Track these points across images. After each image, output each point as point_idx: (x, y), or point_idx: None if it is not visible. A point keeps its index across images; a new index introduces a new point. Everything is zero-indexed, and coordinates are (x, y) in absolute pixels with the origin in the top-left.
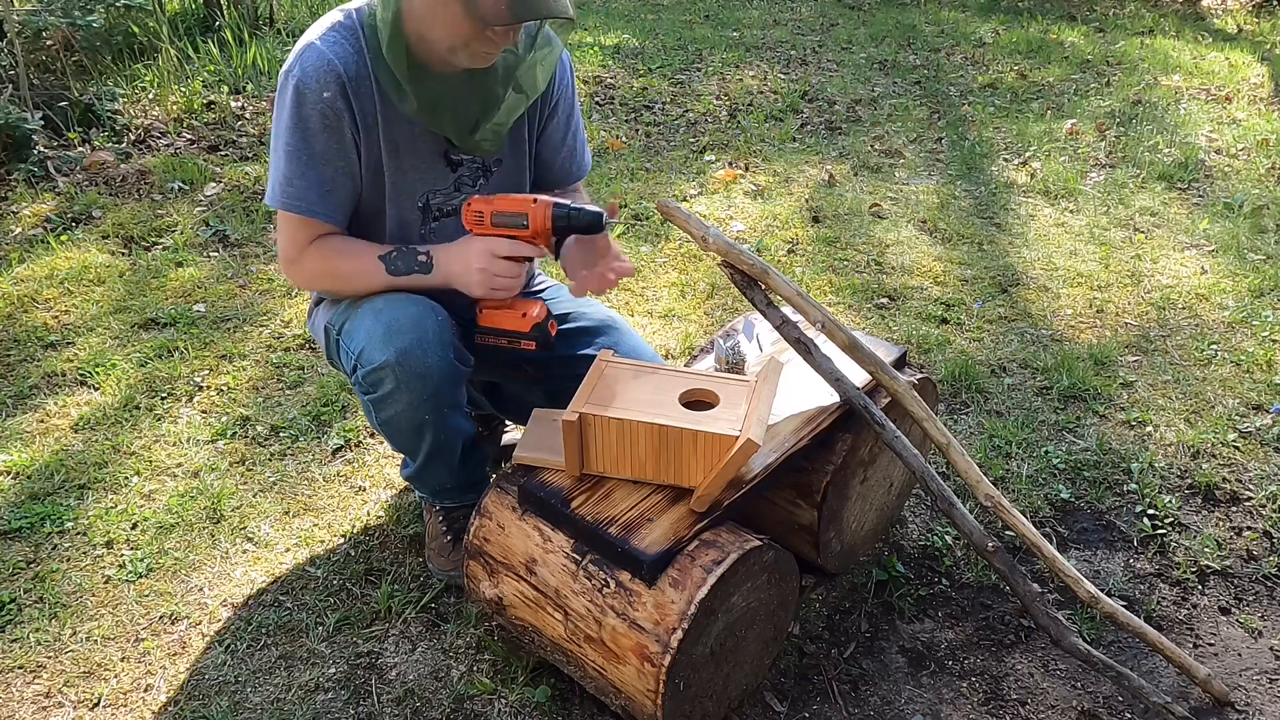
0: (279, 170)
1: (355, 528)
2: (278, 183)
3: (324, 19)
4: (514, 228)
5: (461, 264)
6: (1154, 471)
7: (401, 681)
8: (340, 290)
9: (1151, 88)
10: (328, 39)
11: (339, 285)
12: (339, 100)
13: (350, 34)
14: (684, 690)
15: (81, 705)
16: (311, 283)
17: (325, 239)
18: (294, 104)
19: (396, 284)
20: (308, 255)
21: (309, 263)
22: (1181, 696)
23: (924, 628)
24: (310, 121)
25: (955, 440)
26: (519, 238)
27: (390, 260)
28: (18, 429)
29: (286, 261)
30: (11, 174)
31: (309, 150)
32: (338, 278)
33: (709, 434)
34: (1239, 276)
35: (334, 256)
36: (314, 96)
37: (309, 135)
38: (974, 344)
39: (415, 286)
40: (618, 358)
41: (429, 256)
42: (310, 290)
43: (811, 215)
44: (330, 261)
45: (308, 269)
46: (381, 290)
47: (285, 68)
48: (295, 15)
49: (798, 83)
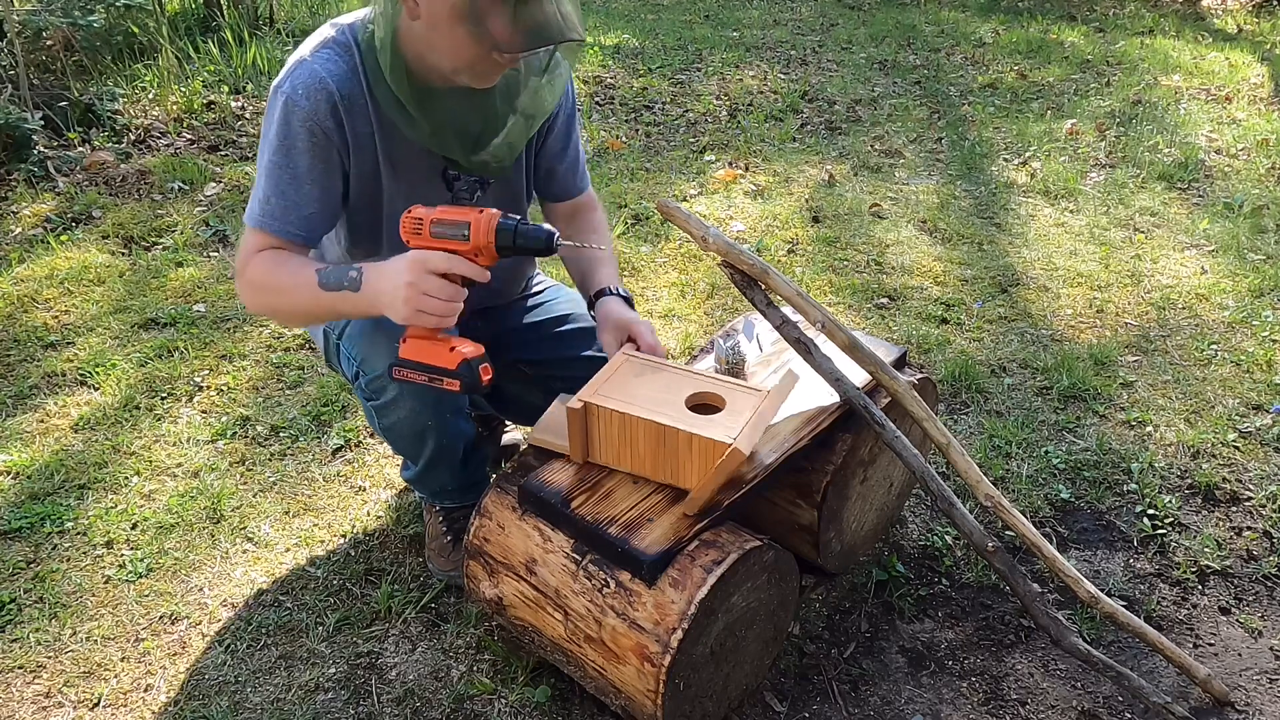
0: (260, 187)
1: (355, 528)
2: (258, 199)
3: (316, 34)
4: (454, 240)
5: (390, 279)
6: (1154, 471)
7: (401, 681)
8: (277, 304)
9: (1151, 88)
10: (321, 56)
11: (275, 298)
12: (329, 120)
13: (344, 51)
14: (684, 690)
15: (81, 705)
16: (253, 294)
17: (274, 251)
18: (281, 121)
19: (324, 301)
20: (252, 264)
21: (252, 271)
22: (1181, 696)
23: (924, 628)
24: (296, 140)
25: (955, 440)
26: (459, 252)
27: (324, 274)
28: (18, 429)
29: (237, 273)
30: (11, 174)
31: (291, 170)
32: (275, 290)
33: (703, 438)
34: (1239, 276)
35: (276, 267)
36: (302, 115)
37: (293, 154)
38: (974, 344)
39: (342, 307)
40: (640, 353)
41: (359, 273)
42: (252, 306)
43: (811, 215)
44: (271, 272)
45: (249, 277)
46: (310, 308)
47: (276, 83)
48: (295, 15)
49: (798, 83)
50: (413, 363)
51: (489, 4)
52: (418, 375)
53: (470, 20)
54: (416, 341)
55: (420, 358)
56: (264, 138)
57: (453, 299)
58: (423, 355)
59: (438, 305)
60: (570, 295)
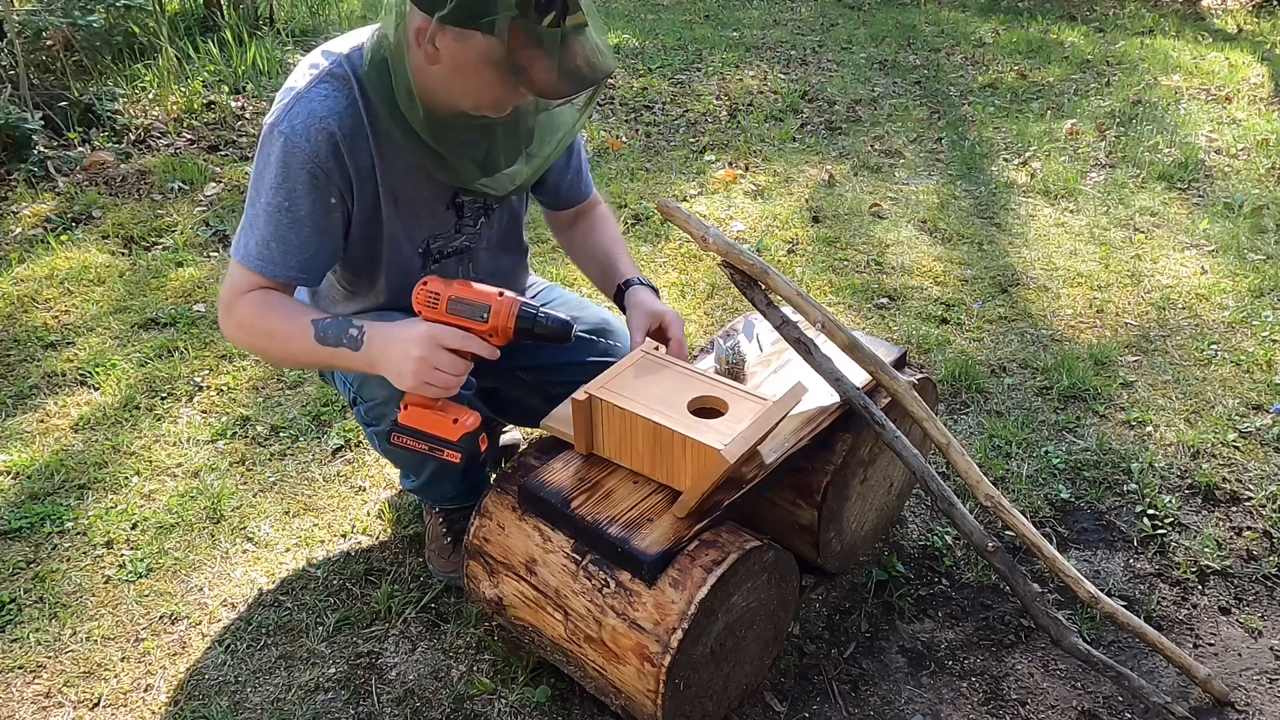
0: (258, 230)
1: (355, 528)
2: (255, 242)
3: (308, 64)
4: (472, 319)
5: (399, 348)
6: (1154, 471)
7: (401, 681)
8: (265, 347)
9: (1151, 88)
10: (318, 92)
11: (265, 342)
12: (329, 160)
13: (342, 84)
14: (684, 690)
15: (81, 705)
16: (240, 334)
17: (266, 292)
18: (281, 163)
19: (318, 354)
20: (241, 304)
21: (241, 312)
22: (1181, 696)
23: (924, 628)
24: (297, 183)
25: (955, 440)
26: (473, 330)
27: (321, 326)
28: (18, 429)
29: (223, 308)
30: (11, 174)
31: (293, 214)
32: (266, 333)
33: (695, 441)
34: (1239, 276)
35: (267, 311)
36: (303, 157)
37: (294, 197)
38: (974, 344)
39: (337, 363)
40: (657, 353)
41: (360, 332)
42: (238, 344)
43: (811, 215)
44: (262, 315)
45: (238, 317)
46: (303, 357)
47: (272, 121)
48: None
49: (798, 83)
50: (413, 430)
51: (530, 56)
52: (418, 444)
53: (509, 70)
54: (419, 410)
55: (422, 426)
56: (259, 176)
57: (460, 374)
58: (424, 424)
59: (445, 380)
60: (567, 298)
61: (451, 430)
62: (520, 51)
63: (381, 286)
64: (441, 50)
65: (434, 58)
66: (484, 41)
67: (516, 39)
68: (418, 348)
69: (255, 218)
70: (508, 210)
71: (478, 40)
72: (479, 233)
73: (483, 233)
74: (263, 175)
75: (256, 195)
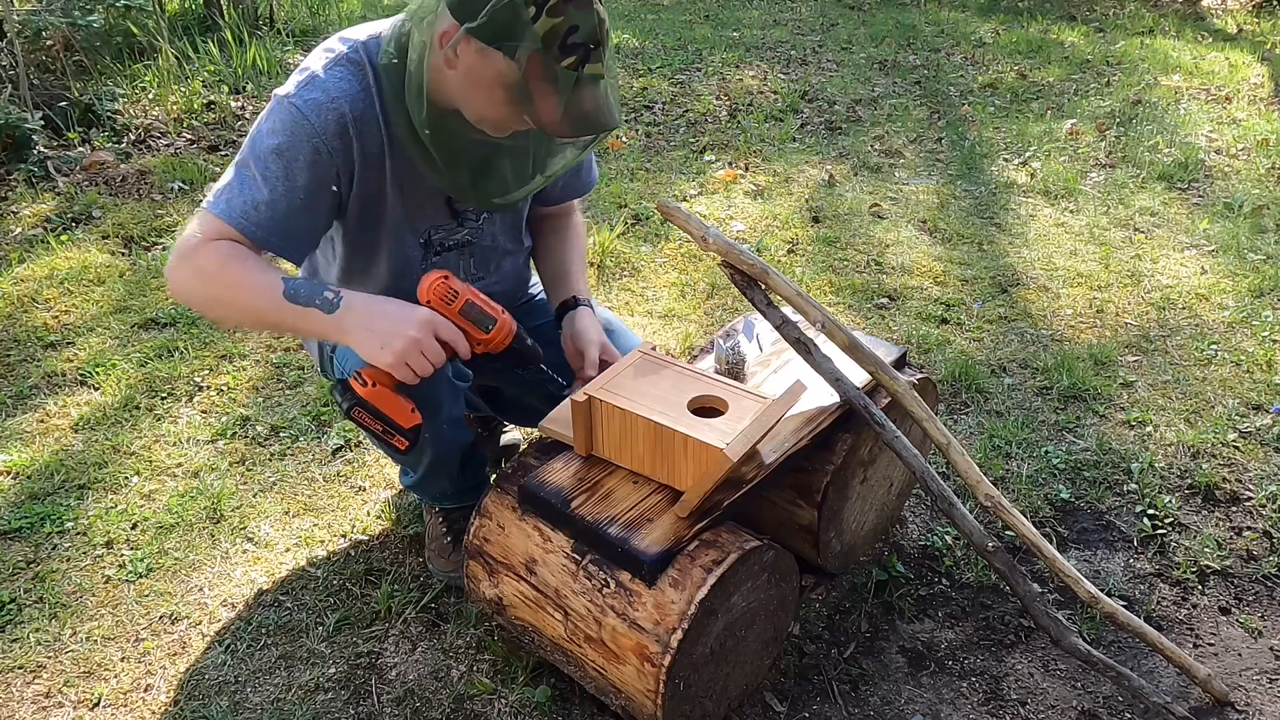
0: (248, 190)
1: (355, 528)
2: (244, 201)
3: (325, 48)
4: (477, 326)
5: (391, 324)
6: (1154, 471)
7: (401, 681)
8: (220, 298)
9: (1151, 88)
10: (334, 74)
11: (222, 292)
12: (336, 140)
13: (357, 70)
14: (684, 690)
15: (81, 705)
16: (195, 282)
17: (233, 244)
18: (287, 132)
19: (282, 312)
20: (207, 250)
21: (205, 257)
22: (1181, 696)
23: (924, 628)
24: (300, 155)
25: (955, 440)
26: (471, 335)
27: (292, 284)
28: (18, 429)
29: (180, 254)
30: (11, 174)
31: (289, 183)
32: (227, 284)
33: (697, 440)
34: (1239, 276)
35: (233, 260)
36: (308, 130)
37: (294, 168)
38: (974, 344)
39: (302, 324)
40: (655, 353)
41: (338, 297)
42: (184, 293)
43: (811, 215)
44: (227, 265)
45: (199, 263)
46: (264, 313)
47: (283, 92)
48: (295, 15)
49: (798, 83)
50: (374, 409)
51: (541, 89)
52: (374, 423)
53: (518, 97)
54: (383, 391)
55: (382, 407)
56: (258, 141)
57: (438, 365)
58: (385, 406)
59: (424, 366)
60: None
61: (409, 419)
62: (534, 82)
63: (380, 273)
64: (461, 58)
65: (452, 63)
66: (503, 63)
67: (534, 70)
68: (415, 328)
69: (247, 179)
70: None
71: (497, 60)
72: (481, 227)
73: (485, 228)
74: (263, 140)
75: (252, 158)
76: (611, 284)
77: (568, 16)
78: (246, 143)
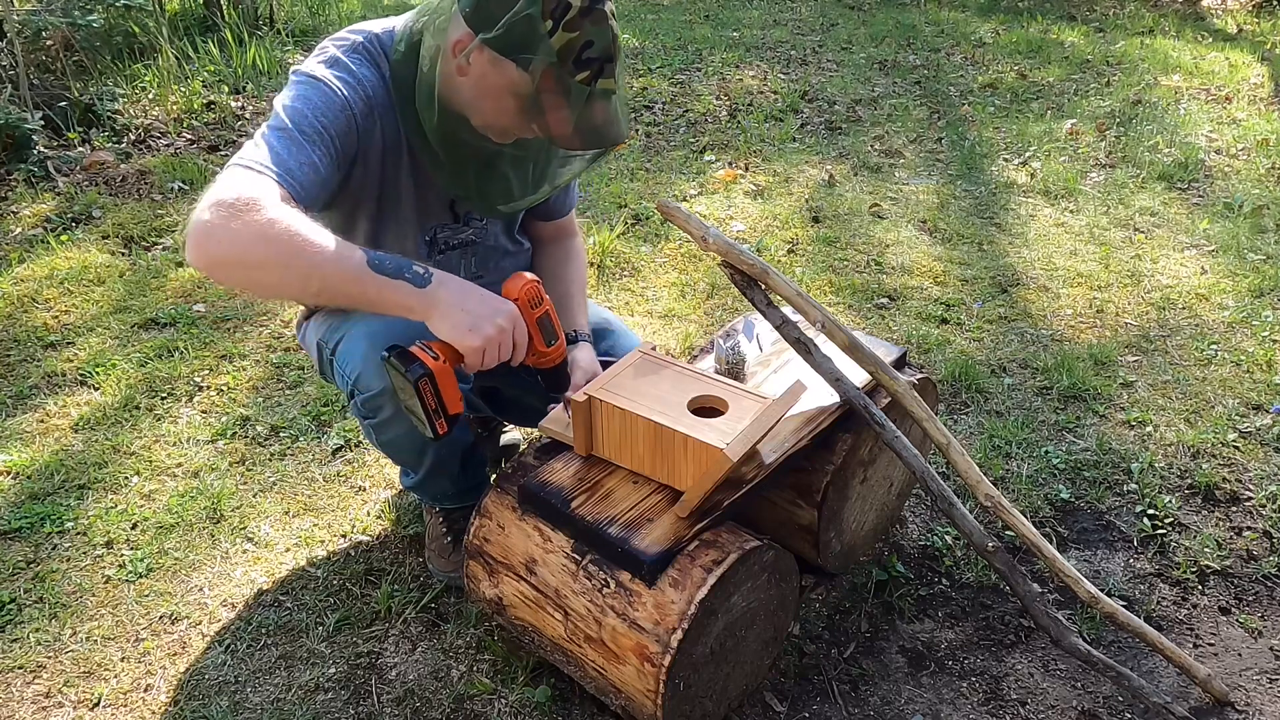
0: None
1: (355, 528)
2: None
3: (342, 36)
4: (544, 337)
5: (486, 308)
6: (1154, 471)
7: (401, 681)
8: (280, 260)
9: (1151, 88)
10: (354, 59)
11: (282, 253)
12: (365, 119)
13: (375, 61)
14: (684, 690)
15: (81, 705)
16: (245, 236)
17: (293, 206)
18: (322, 100)
19: (364, 282)
20: (270, 206)
21: (268, 212)
22: (1181, 696)
23: (924, 628)
24: (335, 123)
25: (955, 440)
26: (533, 343)
27: (375, 255)
28: (18, 429)
29: (234, 206)
30: (11, 174)
31: (328, 150)
32: (294, 248)
33: (697, 440)
34: (1239, 276)
35: (301, 222)
36: (342, 102)
37: (330, 134)
38: (974, 344)
39: (385, 294)
40: (655, 353)
41: (427, 272)
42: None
43: (811, 215)
44: (297, 225)
45: (257, 218)
46: (336, 281)
47: (306, 68)
48: (295, 15)
49: (798, 83)
50: (437, 385)
51: (553, 101)
52: (431, 398)
53: (529, 108)
54: (448, 370)
55: (443, 385)
56: (294, 107)
57: (503, 361)
58: (445, 385)
59: (495, 359)
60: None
61: (456, 404)
62: (545, 94)
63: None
64: (473, 66)
65: (464, 71)
66: (516, 73)
67: (547, 82)
68: (505, 320)
69: (289, 140)
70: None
71: (510, 70)
72: (484, 228)
73: (488, 228)
74: (298, 106)
75: (292, 122)
76: (611, 284)
77: (584, 32)
78: (280, 111)
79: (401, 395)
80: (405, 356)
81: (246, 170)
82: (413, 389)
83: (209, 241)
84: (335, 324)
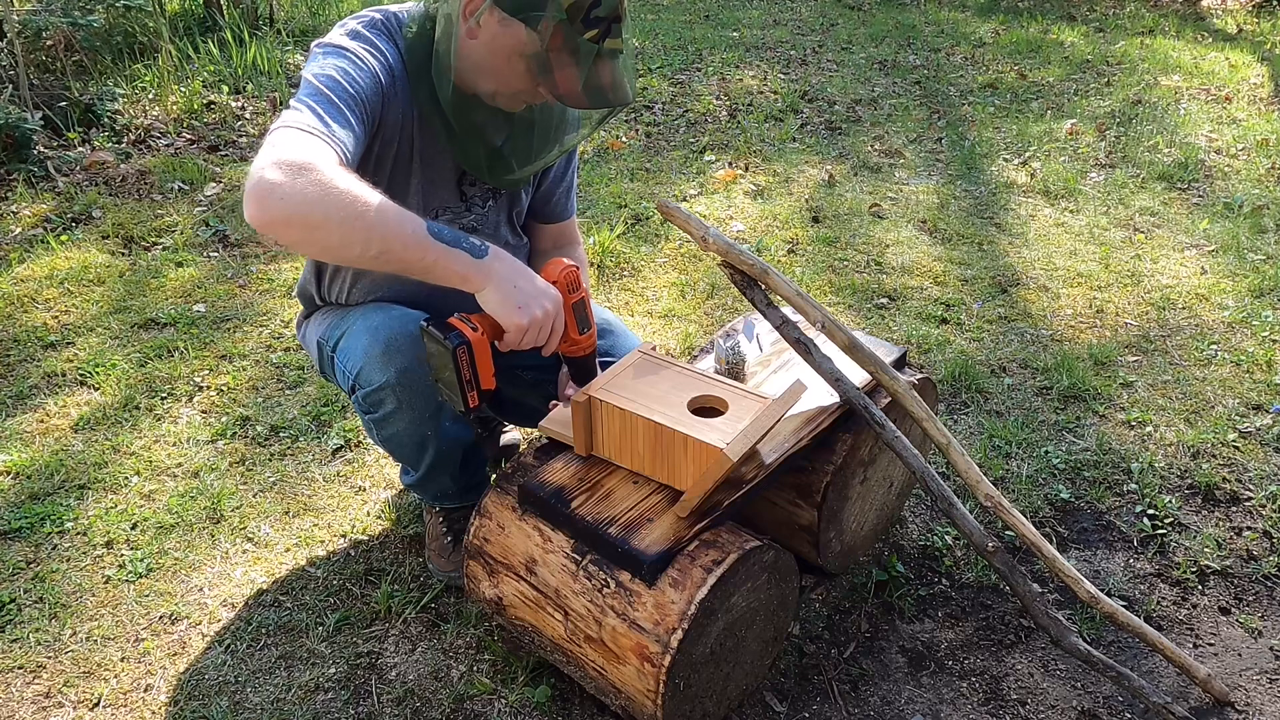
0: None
1: (355, 528)
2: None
3: (357, 15)
4: (579, 325)
5: (536, 288)
6: (1154, 471)
7: (401, 681)
8: (343, 219)
9: (1151, 88)
10: (373, 33)
11: (347, 212)
12: (391, 89)
13: (390, 38)
14: (684, 690)
15: (81, 705)
16: (310, 192)
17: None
18: (352, 67)
19: (424, 248)
20: (333, 167)
21: (333, 171)
22: (1181, 696)
23: (924, 628)
24: (366, 90)
25: (955, 440)
26: (566, 330)
27: (433, 224)
28: (18, 429)
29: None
30: (11, 174)
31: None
32: (360, 207)
33: (697, 440)
34: (1239, 276)
35: (363, 184)
36: (370, 71)
37: (360, 100)
38: (974, 344)
39: (439, 262)
40: (655, 353)
41: (485, 244)
42: (287, 209)
43: (811, 215)
44: (360, 186)
45: (321, 177)
46: (397, 243)
47: (329, 40)
48: (295, 15)
49: (798, 83)
50: (473, 357)
51: (561, 60)
52: (467, 370)
53: (538, 67)
54: (485, 344)
55: (479, 358)
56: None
57: (539, 345)
58: (481, 358)
59: (531, 340)
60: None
61: (489, 379)
62: (554, 54)
63: None
64: (483, 29)
65: (474, 34)
66: (524, 33)
67: (555, 41)
68: (551, 304)
69: (334, 108)
70: (516, 198)
71: (519, 30)
72: (486, 215)
73: (490, 215)
74: (331, 74)
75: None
76: (611, 284)
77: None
78: (313, 79)
79: (435, 366)
80: (444, 326)
81: (300, 132)
82: (450, 357)
83: (271, 199)
84: (335, 321)
